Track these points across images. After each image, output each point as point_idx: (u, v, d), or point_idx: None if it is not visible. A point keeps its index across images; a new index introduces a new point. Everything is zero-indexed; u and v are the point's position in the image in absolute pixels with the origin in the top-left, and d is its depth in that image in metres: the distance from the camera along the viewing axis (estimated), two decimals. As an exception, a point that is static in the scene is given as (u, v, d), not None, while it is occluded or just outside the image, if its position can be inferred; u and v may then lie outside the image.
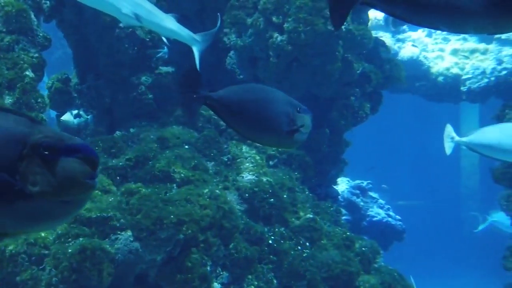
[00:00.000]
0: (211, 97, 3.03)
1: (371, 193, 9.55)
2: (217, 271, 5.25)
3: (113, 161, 5.55)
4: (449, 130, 5.28)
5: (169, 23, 5.38)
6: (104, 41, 6.35)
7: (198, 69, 5.42)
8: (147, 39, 6.38)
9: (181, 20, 6.64)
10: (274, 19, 6.30)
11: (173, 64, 6.52)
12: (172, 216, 4.87)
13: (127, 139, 6.01)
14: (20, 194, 1.63)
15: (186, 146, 5.86)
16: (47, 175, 1.64)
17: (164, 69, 6.47)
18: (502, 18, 1.70)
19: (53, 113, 7.22)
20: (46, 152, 1.64)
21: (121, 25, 6.15)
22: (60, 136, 1.68)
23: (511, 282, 6.62)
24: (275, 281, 5.37)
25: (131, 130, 6.25)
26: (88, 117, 6.68)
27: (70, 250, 4.54)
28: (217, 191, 5.38)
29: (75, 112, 6.68)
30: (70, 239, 4.65)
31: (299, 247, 5.62)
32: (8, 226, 1.70)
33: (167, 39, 5.79)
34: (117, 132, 6.25)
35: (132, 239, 4.82)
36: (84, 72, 6.71)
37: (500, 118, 6.92)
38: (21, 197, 1.63)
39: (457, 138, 5.15)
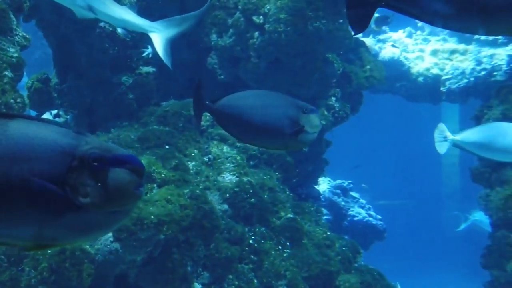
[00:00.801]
0: (209, 106, 3.08)
1: (352, 193, 9.60)
2: (198, 271, 5.25)
3: (93, 162, 5.52)
4: (442, 129, 5.30)
5: (124, 14, 5.26)
6: (84, 41, 6.32)
7: (162, 56, 5.36)
8: (128, 39, 6.35)
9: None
10: (255, 19, 6.31)
11: (153, 64, 6.51)
12: (152, 217, 4.86)
13: (108, 139, 5.99)
14: (71, 205, 1.64)
15: (167, 146, 5.85)
16: (97, 186, 1.65)
17: (144, 69, 6.45)
18: None
19: (33, 113, 7.17)
20: (95, 163, 1.65)
21: (101, 24, 6.14)
22: (107, 147, 1.69)
23: (490, 281, 6.68)
24: (255, 281, 5.38)
25: (112, 130, 6.23)
26: (68, 117, 6.65)
27: (49, 251, 4.51)
28: (198, 191, 5.37)
29: (54, 112, 6.64)
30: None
31: (279, 247, 5.64)
32: (57, 238, 1.71)
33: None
34: (98, 132, 6.22)
35: (112, 240, 4.80)
36: (64, 72, 6.67)
37: (478, 119, 6.98)
38: (72, 209, 1.64)
39: (451, 137, 5.19)
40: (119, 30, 5.64)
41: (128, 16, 5.30)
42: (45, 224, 1.65)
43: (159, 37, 5.48)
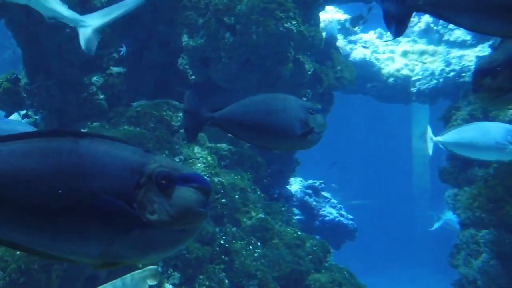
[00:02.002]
0: (213, 117, 3.10)
1: (324, 193, 9.64)
2: (169, 272, 5.25)
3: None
4: (429, 131, 5.41)
5: (53, 3, 5.21)
6: (54, 41, 6.28)
7: (84, 49, 5.32)
8: (98, 40, 6.32)
9: (133, 21, 6.63)
10: (226, 20, 6.32)
11: (124, 65, 6.49)
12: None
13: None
14: (138, 222, 1.65)
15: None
16: (164, 204, 1.65)
17: (115, 69, 6.43)
18: None
19: (2, 114, 7.09)
20: (163, 181, 1.66)
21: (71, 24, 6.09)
22: (174, 166, 1.70)
23: (458, 279, 6.77)
24: (226, 281, 5.40)
25: (82, 130, 6.19)
26: (37, 117, 6.60)
27: (18, 253, 4.48)
28: (169, 191, 5.35)
29: (23, 112, 6.58)
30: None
31: (250, 247, 5.66)
32: (124, 256, 1.70)
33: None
34: (68, 133, 6.18)
35: (82, 241, 4.77)
36: (34, 72, 6.62)
37: (446, 119, 7.06)
38: (139, 226, 1.65)
39: (434, 138, 5.28)
40: (47, 19, 5.52)
41: (56, 6, 5.24)
42: (112, 241, 1.66)
43: (85, 29, 5.38)
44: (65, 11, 5.29)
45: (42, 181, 1.63)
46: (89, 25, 5.37)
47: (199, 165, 5.98)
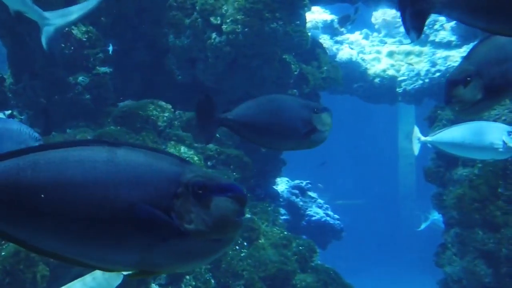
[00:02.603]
0: (227, 118, 3.16)
1: (310, 193, 9.67)
2: (155, 272, 5.24)
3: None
4: (415, 131, 5.46)
5: None
6: (39, 41, 6.24)
7: (44, 46, 5.26)
8: (84, 39, 6.31)
9: (119, 20, 6.62)
10: (212, 20, 6.33)
11: (110, 64, 6.47)
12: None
13: (64, 140, 5.93)
14: (176, 232, 1.65)
15: (124, 147, 5.81)
16: (202, 214, 1.66)
17: (101, 69, 6.41)
18: None
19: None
20: (200, 191, 1.67)
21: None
22: (210, 175, 1.72)
23: (443, 278, 6.81)
24: (212, 281, 5.40)
25: (68, 130, 6.17)
26: (22, 117, 6.57)
27: (3, 253, 4.46)
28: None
29: (8, 112, 6.55)
30: (3, 242, 4.57)
31: (236, 247, 5.66)
32: (160, 265, 1.71)
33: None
34: (53, 133, 6.16)
35: (67, 241, 4.75)
36: (20, 72, 6.59)
37: (431, 119, 7.10)
38: (176, 235, 1.65)
39: (422, 138, 5.32)
40: (12, 12, 5.41)
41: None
42: (150, 250, 1.66)
43: (48, 27, 5.27)
44: (30, 5, 5.17)
45: (80, 190, 1.64)
46: (52, 24, 5.27)
47: (185, 165, 5.97)
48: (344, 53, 10.19)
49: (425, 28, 10.10)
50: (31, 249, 1.68)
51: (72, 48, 6.30)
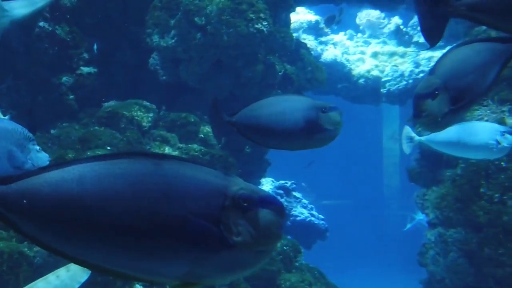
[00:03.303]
0: (231, 121, 3.20)
1: (295, 193, 9.70)
2: (139, 273, 5.23)
3: (32, 163, 5.44)
4: (407, 131, 5.47)
5: None
6: (22, 41, 6.22)
7: None
8: (68, 39, 6.29)
9: (103, 20, 6.61)
10: (197, 20, 6.33)
11: (94, 65, 6.46)
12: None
13: (47, 140, 5.91)
14: (224, 244, 1.67)
15: (108, 148, 5.81)
16: (248, 226, 1.68)
17: (85, 69, 6.39)
18: None
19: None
20: (245, 204, 1.69)
21: (40, 24, 6.06)
22: (253, 188, 1.74)
23: (426, 278, 6.86)
24: (197, 281, 5.39)
25: (52, 131, 6.15)
26: (6, 117, 6.53)
27: (-14, 254, 4.44)
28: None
29: None
30: (-14, 243, 4.55)
31: (221, 247, 5.66)
32: (206, 276, 1.72)
33: None
34: (37, 133, 6.14)
35: (51, 242, 4.74)
36: (3, 72, 6.56)
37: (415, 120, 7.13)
38: (225, 247, 1.67)
39: (417, 138, 5.35)
40: None
41: None
42: (198, 262, 1.68)
43: (4, 19, 5.20)
44: None
45: (128, 203, 1.64)
46: (7, 15, 5.20)
47: (170, 165, 5.96)
48: (328, 54, 10.23)
49: (409, 29, 10.13)
50: (82, 264, 1.69)
51: (56, 48, 6.28)
